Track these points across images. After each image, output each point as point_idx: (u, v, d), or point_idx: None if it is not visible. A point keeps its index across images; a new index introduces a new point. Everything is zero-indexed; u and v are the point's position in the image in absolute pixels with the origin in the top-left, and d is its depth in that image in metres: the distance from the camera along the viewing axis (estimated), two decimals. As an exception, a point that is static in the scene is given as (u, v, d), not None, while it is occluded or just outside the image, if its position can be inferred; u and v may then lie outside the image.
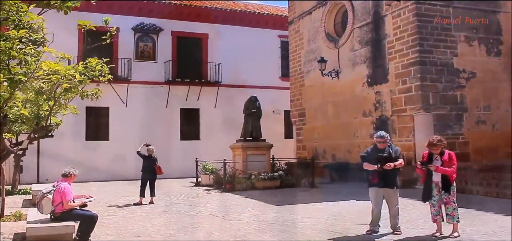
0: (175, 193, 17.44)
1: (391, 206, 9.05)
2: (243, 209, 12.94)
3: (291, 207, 13.18)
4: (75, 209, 8.88)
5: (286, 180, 18.67)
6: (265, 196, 15.72)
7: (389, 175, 8.91)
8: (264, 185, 18.02)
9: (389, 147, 9.12)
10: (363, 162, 9.24)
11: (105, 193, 18.14)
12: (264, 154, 19.64)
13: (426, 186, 8.91)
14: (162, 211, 13.02)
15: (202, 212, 12.70)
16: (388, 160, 8.86)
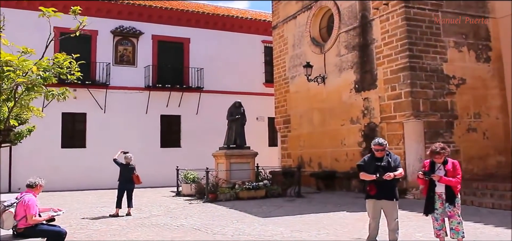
0: (154, 204, 16.54)
1: (390, 220, 8.30)
2: (227, 222, 12.13)
3: (279, 220, 12.38)
4: (41, 224, 8.02)
5: (272, 190, 17.90)
6: (250, 207, 14.92)
7: (388, 185, 8.15)
8: (248, 195, 17.24)
9: (388, 155, 8.37)
10: (360, 172, 8.47)
11: (80, 203, 17.19)
12: (249, 162, 18.84)
13: (429, 197, 8.20)
14: (140, 224, 12.14)
15: (183, 225, 11.85)
16: (387, 170, 8.11)
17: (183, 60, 26.73)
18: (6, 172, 22.03)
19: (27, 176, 20.78)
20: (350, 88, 19.67)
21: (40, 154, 22.61)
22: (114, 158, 13.91)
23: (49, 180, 21.84)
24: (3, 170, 21.78)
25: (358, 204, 15.17)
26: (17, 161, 22.32)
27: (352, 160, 19.50)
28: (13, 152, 22.12)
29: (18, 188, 21.67)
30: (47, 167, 22.41)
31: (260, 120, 28.18)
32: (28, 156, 22.33)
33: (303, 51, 22.72)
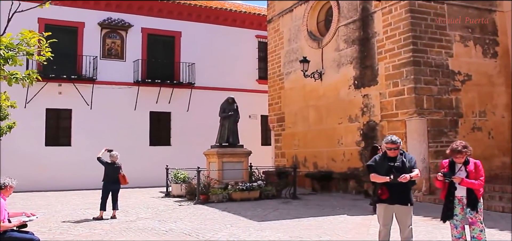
0: (142, 206, 15.56)
1: (404, 227, 7.37)
2: (220, 226, 11.18)
3: (275, 224, 11.45)
4: (10, 231, 7.03)
5: (266, 191, 16.96)
6: (244, 210, 13.99)
7: (402, 188, 7.23)
8: (242, 196, 16.31)
9: (402, 155, 7.44)
10: (371, 173, 7.53)
11: (64, 204, 16.18)
12: (242, 162, 17.89)
13: (447, 202, 7.28)
14: (125, 228, 11.16)
15: (172, 229, 10.88)
16: (401, 171, 7.19)
17: (174, 55, 25.66)
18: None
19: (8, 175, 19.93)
20: (349, 84, 18.79)
21: (22, 152, 21.48)
22: (98, 157, 12.91)
23: (33, 179, 21.17)
24: (-18, 169, 20.67)
25: (357, 207, 14.35)
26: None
27: (349, 160, 18.66)
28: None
29: (0, 187, 20.61)
30: (30, 166, 21.39)
31: (253, 118, 27.24)
32: (9, 155, 21.02)
33: (299, 46, 21.81)
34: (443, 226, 10.48)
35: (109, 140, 22.02)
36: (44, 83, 21.51)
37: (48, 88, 21.97)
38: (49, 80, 21.87)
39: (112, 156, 12.82)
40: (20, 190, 20.61)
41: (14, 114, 20.83)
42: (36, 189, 20.95)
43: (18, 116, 20.75)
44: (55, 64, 21.98)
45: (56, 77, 22.05)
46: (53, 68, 21.53)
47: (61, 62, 22.10)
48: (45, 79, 21.53)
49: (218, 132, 18.30)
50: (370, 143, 17.30)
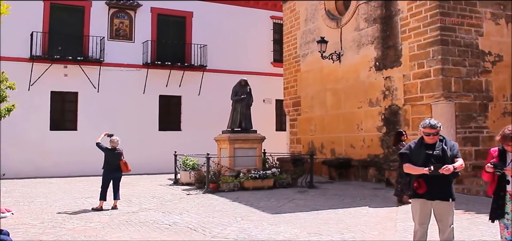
0: (147, 195, 14.52)
1: (444, 226, 6.23)
2: (230, 220, 10.11)
3: (291, 217, 10.35)
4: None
5: (280, 179, 15.87)
6: (257, 200, 12.93)
7: (443, 182, 6.10)
8: (254, 185, 15.26)
9: (442, 142, 6.28)
10: (404, 163, 6.40)
11: (65, 192, 15.24)
12: (255, 148, 16.78)
13: (497, 198, 6.07)
14: (125, 220, 10.13)
15: (176, 223, 9.82)
16: (442, 161, 6.05)
17: (185, 36, 24.55)
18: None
19: (12, 161, 19.26)
20: (370, 66, 17.58)
21: (26, 137, 20.69)
22: (97, 142, 11.88)
23: (36, 165, 20.21)
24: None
25: (380, 197, 13.19)
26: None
27: (369, 146, 17.51)
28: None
29: (3, 173, 19.79)
30: (34, 151, 20.66)
31: (267, 102, 26.20)
32: (13, 139, 20.39)
33: (316, 26, 20.60)
34: (480, 222, 9.39)
35: (116, 124, 21.41)
36: (48, 64, 20.65)
37: (53, 70, 21.11)
38: (54, 62, 21.01)
39: (112, 141, 11.78)
40: (23, 176, 20.04)
41: (17, 97, 19.96)
42: (40, 175, 20.10)
43: (22, 100, 19.92)
44: (60, 45, 21.31)
45: (61, 58, 21.16)
46: (58, 49, 20.64)
47: (67, 43, 21.39)
48: (50, 61, 20.71)
49: (229, 116, 17.22)
50: (392, 129, 16.16)
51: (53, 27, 21.51)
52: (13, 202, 12.91)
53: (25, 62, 20.71)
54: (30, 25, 20.75)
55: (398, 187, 12.29)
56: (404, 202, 11.89)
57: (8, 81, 15.38)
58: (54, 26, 21.54)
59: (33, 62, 20.74)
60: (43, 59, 20.88)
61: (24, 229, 9.31)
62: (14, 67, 19.66)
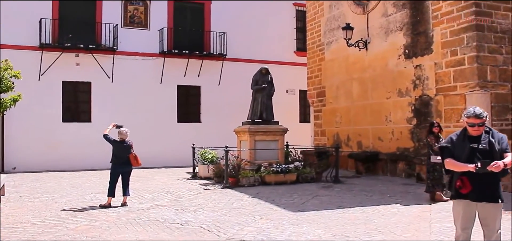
0: (161, 190, 13.69)
1: (490, 231, 5.27)
2: (248, 218, 9.21)
3: (315, 216, 9.41)
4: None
5: (304, 173, 14.90)
6: (278, 196, 12.01)
7: (490, 180, 5.12)
8: (276, 180, 14.33)
9: (488, 134, 5.29)
10: (445, 158, 5.41)
11: (75, 187, 14.49)
12: (277, 140, 15.83)
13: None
14: (134, 219, 9.29)
15: (189, 222, 8.95)
16: (489, 155, 5.07)
17: (203, 23, 23.54)
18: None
19: (23, 154, 18.59)
20: (399, 54, 16.46)
21: (37, 129, 19.97)
22: (105, 133, 11.08)
23: (48, 158, 19.37)
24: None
25: (411, 194, 12.16)
26: (10, 136, 19.65)
27: (398, 139, 16.43)
28: (6, 126, 19.54)
29: (13, 167, 19.33)
30: (45, 144, 19.95)
31: (290, 93, 25.22)
32: (24, 131, 19.79)
33: (341, 12, 19.51)
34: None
35: (133, 116, 20.81)
36: (59, 52, 19.88)
37: (64, 59, 20.29)
38: (65, 50, 20.20)
39: (120, 133, 10.96)
40: (34, 169, 19.32)
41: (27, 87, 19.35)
42: (52, 169, 19.43)
43: (32, 90, 19.39)
44: (71, 32, 20.54)
45: (72, 46, 20.27)
46: (69, 37, 19.86)
47: (78, 30, 20.57)
48: (60, 49, 19.94)
49: (250, 107, 16.30)
50: (423, 120, 15.10)
51: (63, 14, 20.66)
52: (17, 198, 12.24)
53: (35, 51, 19.93)
54: (39, 11, 19.92)
55: (428, 183, 11.30)
56: (437, 199, 10.90)
57: (12, 69, 14.69)
58: (64, 12, 20.69)
59: (42, 50, 19.94)
60: (53, 47, 20.08)
61: (22, 228, 8.55)
62: (23, 56, 19.20)
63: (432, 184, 11.08)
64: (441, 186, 10.91)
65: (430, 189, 11.20)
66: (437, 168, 10.83)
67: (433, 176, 11.07)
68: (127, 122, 20.55)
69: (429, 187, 11.22)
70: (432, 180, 11.08)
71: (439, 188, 11.01)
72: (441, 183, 10.86)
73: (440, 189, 10.98)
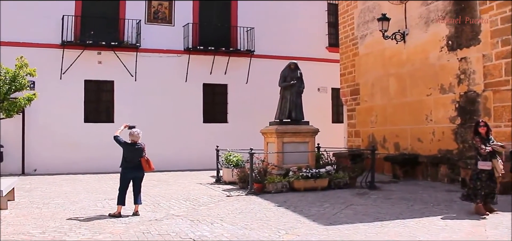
0: (180, 196, 12.59)
1: None
2: (271, 232, 8.00)
3: (349, 230, 8.14)
4: None
5: (336, 178, 13.60)
6: (308, 205, 10.78)
7: None
8: (306, 185, 13.07)
9: None
10: None
11: (89, 192, 13.54)
12: (307, 142, 14.55)
13: None
14: (142, 231, 8.17)
15: (203, 237, 7.78)
16: None
17: (230, 19, 22.48)
18: (18, 151, 18.74)
19: (44, 155, 17.83)
20: (441, 46, 15.06)
21: (58, 130, 19.27)
22: (115, 135, 10.06)
23: (69, 160, 18.40)
24: (14, 148, 18.53)
25: (457, 204, 10.68)
26: (31, 137, 19.04)
27: (440, 140, 15.04)
28: (27, 127, 18.95)
29: (34, 169, 18.62)
30: (67, 145, 19.28)
31: (322, 91, 24.02)
32: (44, 132, 19.15)
33: (376, 3, 18.15)
34: None
35: (156, 116, 20.26)
36: (80, 50, 19.10)
37: (86, 57, 19.59)
38: (87, 48, 19.49)
39: (132, 134, 9.90)
40: (55, 172, 18.54)
41: (49, 86, 18.77)
42: (73, 171, 18.63)
43: (53, 89, 19.12)
44: (93, 29, 19.74)
45: (94, 44, 19.57)
46: (91, 34, 19.04)
47: (100, 27, 19.84)
48: (82, 47, 19.17)
49: (278, 106, 15.08)
50: (469, 119, 13.73)
51: (85, 10, 19.98)
52: (27, 204, 11.33)
53: (56, 49, 19.30)
54: (61, 8, 19.27)
55: (466, 191, 9.87)
56: (476, 211, 9.42)
57: (28, 67, 13.93)
58: (87, 9, 20.01)
59: (64, 48, 19.27)
60: (75, 45, 19.39)
61: None
62: (44, 54, 18.85)
63: (469, 193, 9.68)
64: (482, 197, 9.44)
65: (466, 197, 9.77)
66: (481, 176, 9.40)
67: (474, 184, 9.62)
68: (150, 122, 20.06)
69: (466, 196, 9.79)
70: (473, 188, 9.63)
71: (479, 199, 9.52)
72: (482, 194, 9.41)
73: (481, 200, 9.49)
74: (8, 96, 14.77)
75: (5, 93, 14.46)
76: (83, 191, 13.78)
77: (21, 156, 18.76)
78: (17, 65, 13.64)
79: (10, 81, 13.78)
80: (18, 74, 13.63)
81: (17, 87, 13.74)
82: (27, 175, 18.00)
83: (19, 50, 16.90)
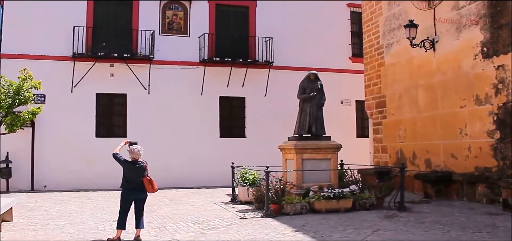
0: (189, 218, 11.53)
1: None
2: (285, 267, 6.86)
3: (377, 263, 6.96)
4: None
5: (361, 199, 12.38)
6: (329, 229, 9.63)
7: None
8: (327, 207, 11.88)
9: None
10: None
11: (95, 211, 12.70)
12: (329, 159, 13.35)
13: None
14: (137, 264, 7.11)
15: (205, 272, 6.69)
16: None
17: (248, 28, 21.61)
18: (27, 167, 18.05)
19: (54, 171, 17.05)
20: (475, 53, 13.78)
21: (69, 144, 18.56)
22: (114, 152, 9.11)
23: (81, 176, 17.25)
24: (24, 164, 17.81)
25: (501, 229, 9.42)
26: (41, 152, 18.35)
27: (477, 157, 13.69)
28: (36, 142, 18.27)
29: (44, 185, 17.94)
30: (78, 161, 18.68)
31: (346, 104, 22.95)
32: (55, 147, 18.46)
33: (402, 9, 16.98)
34: None
35: (171, 130, 19.69)
36: (92, 62, 18.38)
37: (97, 69, 18.96)
38: (98, 60, 18.82)
39: (132, 152, 8.92)
40: (65, 188, 17.68)
41: (60, 99, 18.16)
42: (84, 188, 17.94)
43: (64, 103, 18.56)
44: (105, 41, 19.01)
45: (106, 56, 18.88)
46: (103, 45, 18.32)
47: (113, 38, 19.25)
48: (94, 59, 18.49)
49: (297, 119, 13.95)
50: (509, 133, 12.38)
51: (97, 21, 19.38)
52: (24, 225, 10.54)
53: (67, 61, 18.70)
54: (72, 19, 18.69)
55: None
56: None
57: (32, 79, 13.16)
58: (99, 20, 19.42)
59: (75, 60, 18.65)
60: (87, 57, 18.75)
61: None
62: (55, 67, 18.44)
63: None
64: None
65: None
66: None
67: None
68: (164, 137, 19.24)
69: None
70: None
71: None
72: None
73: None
74: (12, 110, 14.02)
75: (8, 107, 13.74)
76: (89, 210, 12.88)
77: (31, 172, 18.09)
78: (20, 77, 12.90)
79: (13, 95, 13.05)
80: (22, 87, 12.89)
81: (21, 100, 12.97)
82: (37, 192, 17.39)
83: (28, 63, 16.59)
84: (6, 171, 17.26)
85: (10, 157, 17.45)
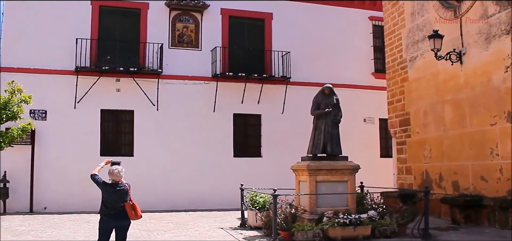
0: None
1: None
2: None
3: None
4: None
5: (381, 225, 11.21)
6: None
7: None
8: (344, 234, 10.80)
9: None
10: None
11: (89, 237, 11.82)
12: (345, 181, 12.16)
13: None
14: None
15: None
16: None
17: (264, 42, 20.75)
18: (26, 186, 17.27)
19: (54, 193, 16.57)
20: (506, 65, 12.60)
21: (72, 164, 17.67)
22: (93, 173, 8.12)
23: (84, 198, 16.46)
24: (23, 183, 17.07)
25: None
26: (41, 172, 17.57)
27: (510, 179, 12.38)
28: (37, 160, 17.52)
29: (44, 207, 17.16)
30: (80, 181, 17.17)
31: (368, 122, 21.93)
32: (57, 166, 17.68)
33: (427, 20, 15.88)
34: None
35: (181, 149, 18.88)
36: (96, 77, 17.64)
37: (103, 84, 18.20)
38: (103, 74, 18.11)
39: (111, 173, 7.93)
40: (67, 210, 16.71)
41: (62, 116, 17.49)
42: (87, 210, 16.96)
43: (67, 119, 17.85)
44: (110, 54, 18.27)
45: (112, 70, 18.11)
46: (108, 59, 17.60)
47: (119, 51, 18.64)
48: (99, 73, 17.79)
49: (310, 138, 12.84)
50: (546, 153, 11.06)
51: (102, 33, 18.73)
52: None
53: (70, 75, 17.99)
54: (75, 31, 18.01)
55: None
56: None
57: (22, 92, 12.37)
58: (104, 32, 18.77)
59: (78, 74, 17.91)
60: (91, 71, 18.03)
61: None
62: (57, 81, 17.82)
63: None
64: None
65: None
66: None
67: None
68: (174, 156, 18.32)
69: None
70: None
71: None
72: None
73: None
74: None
75: None
76: (82, 236, 11.95)
77: (30, 192, 17.29)
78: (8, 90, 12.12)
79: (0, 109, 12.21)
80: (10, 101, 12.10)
81: (9, 116, 12.15)
82: (36, 214, 16.57)
83: (28, 77, 16.18)
84: (3, 191, 16.55)
85: (8, 176, 16.69)
